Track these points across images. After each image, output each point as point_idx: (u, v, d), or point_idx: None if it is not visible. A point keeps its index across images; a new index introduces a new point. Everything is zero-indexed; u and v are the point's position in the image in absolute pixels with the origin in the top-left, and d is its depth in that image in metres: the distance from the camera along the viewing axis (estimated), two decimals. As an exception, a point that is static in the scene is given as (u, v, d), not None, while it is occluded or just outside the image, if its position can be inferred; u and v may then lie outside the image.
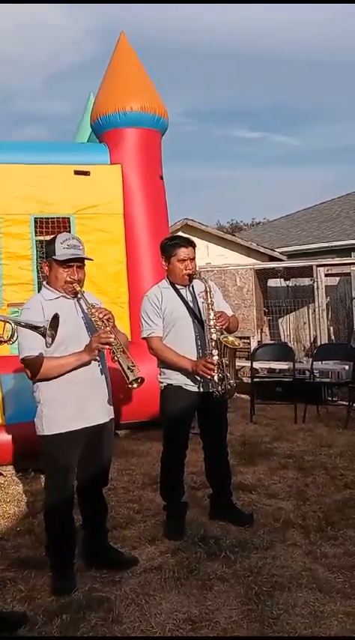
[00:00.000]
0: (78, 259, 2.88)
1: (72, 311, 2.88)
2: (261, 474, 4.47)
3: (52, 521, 2.94)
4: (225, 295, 8.43)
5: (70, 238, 2.91)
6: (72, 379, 2.82)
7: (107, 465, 3.11)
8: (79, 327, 2.87)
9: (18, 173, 5.70)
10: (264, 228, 20.06)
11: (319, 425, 6.09)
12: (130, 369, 2.71)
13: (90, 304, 2.83)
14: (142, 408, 5.22)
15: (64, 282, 2.86)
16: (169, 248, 3.47)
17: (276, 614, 2.60)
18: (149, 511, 3.80)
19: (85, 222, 5.86)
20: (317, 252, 13.30)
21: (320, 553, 3.15)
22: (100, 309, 2.81)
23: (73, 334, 2.82)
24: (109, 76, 6.18)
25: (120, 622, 2.59)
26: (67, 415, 2.83)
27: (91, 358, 2.80)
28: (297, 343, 9.22)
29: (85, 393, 2.87)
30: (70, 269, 2.86)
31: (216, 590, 2.81)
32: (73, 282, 2.85)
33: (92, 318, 2.80)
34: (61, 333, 2.77)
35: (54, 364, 2.78)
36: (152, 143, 6.18)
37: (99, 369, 2.92)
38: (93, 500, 3.09)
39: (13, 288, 5.61)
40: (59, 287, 2.88)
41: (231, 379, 3.26)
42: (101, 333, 2.74)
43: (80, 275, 2.89)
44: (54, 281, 2.89)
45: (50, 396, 2.84)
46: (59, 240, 2.88)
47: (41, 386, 2.85)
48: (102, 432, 2.95)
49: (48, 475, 3.01)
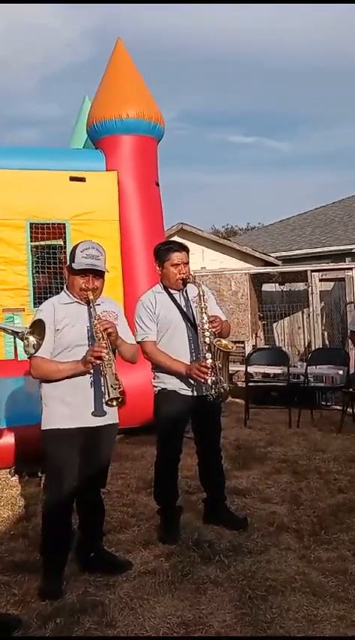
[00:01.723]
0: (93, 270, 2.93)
1: (82, 317, 2.94)
2: (255, 478, 4.49)
3: (48, 520, 2.97)
4: (219, 300, 8.50)
5: (90, 247, 2.97)
6: (75, 380, 2.88)
7: (105, 467, 3.14)
8: (85, 334, 2.93)
9: (14, 179, 5.71)
10: (258, 233, 20.12)
11: (313, 429, 6.12)
12: (113, 386, 2.74)
13: (96, 315, 2.87)
14: (136, 413, 5.23)
15: (79, 289, 2.93)
16: (163, 253, 3.49)
17: (270, 618, 2.61)
18: (143, 515, 3.81)
19: (80, 228, 5.87)
20: (311, 257, 13.35)
21: (314, 557, 3.17)
22: (103, 322, 2.85)
23: (79, 339, 2.89)
24: (106, 83, 6.21)
25: (114, 626, 2.59)
26: (65, 413, 2.90)
27: (86, 370, 2.85)
28: (292, 348, 9.25)
29: (86, 395, 2.91)
30: (85, 278, 2.93)
31: (210, 594, 2.83)
32: (88, 290, 2.91)
33: (94, 329, 2.85)
34: (69, 338, 2.88)
35: (53, 368, 2.87)
36: (148, 150, 6.21)
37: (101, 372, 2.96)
38: (90, 502, 3.11)
39: (8, 293, 5.62)
40: (75, 293, 2.96)
41: (225, 382, 3.28)
42: (95, 347, 2.79)
43: (96, 284, 2.95)
44: (71, 287, 2.99)
45: (51, 393, 2.93)
46: (80, 249, 2.96)
47: (44, 384, 2.96)
48: (101, 434, 2.99)
49: (47, 474, 3.06)
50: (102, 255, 2.99)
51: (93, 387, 2.95)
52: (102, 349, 2.76)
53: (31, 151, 6.20)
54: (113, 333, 2.86)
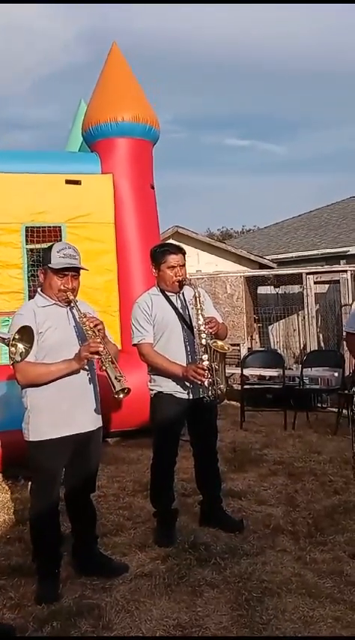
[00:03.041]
0: (73, 268, 2.91)
1: (64, 319, 2.92)
2: (251, 481, 4.50)
3: (37, 527, 2.96)
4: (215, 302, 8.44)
5: (66, 247, 2.95)
6: (60, 387, 2.84)
7: (94, 472, 3.13)
8: (70, 335, 2.90)
9: (9, 182, 5.71)
10: (254, 235, 20.18)
11: (309, 431, 6.13)
12: (117, 379, 2.75)
13: (82, 313, 2.85)
14: (132, 416, 5.23)
15: (58, 290, 2.89)
16: (159, 255, 3.50)
17: (266, 620, 2.62)
18: (139, 518, 3.81)
19: (76, 231, 5.88)
20: (306, 260, 13.39)
21: (310, 559, 3.18)
22: (91, 319, 2.84)
23: (63, 342, 2.86)
24: (101, 86, 6.22)
25: (110, 628, 2.60)
26: (54, 422, 2.86)
27: (80, 367, 2.84)
28: (287, 350, 9.27)
29: (73, 401, 2.89)
30: (64, 278, 2.90)
31: (206, 597, 2.83)
32: (67, 291, 2.88)
33: (83, 327, 2.83)
34: (52, 340, 2.83)
35: (43, 370, 2.81)
36: (143, 153, 6.22)
37: (88, 378, 2.95)
38: (81, 506, 3.10)
39: (3, 296, 5.61)
40: (53, 295, 2.92)
41: (221, 384, 3.29)
42: (90, 343, 2.77)
43: (74, 284, 2.93)
44: (48, 288, 2.93)
45: (37, 403, 2.87)
46: (56, 249, 2.92)
47: (29, 392, 2.88)
48: (90, 439, 2.97)
49: (34, 481, 3.03)
50: (78, 254, 2.98)
51: (84, 391, 2.94)
52: (98, 344, 2.76)
53: (26, 155, 6.20)
54: (103, 329, 2.86)
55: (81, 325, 2.86)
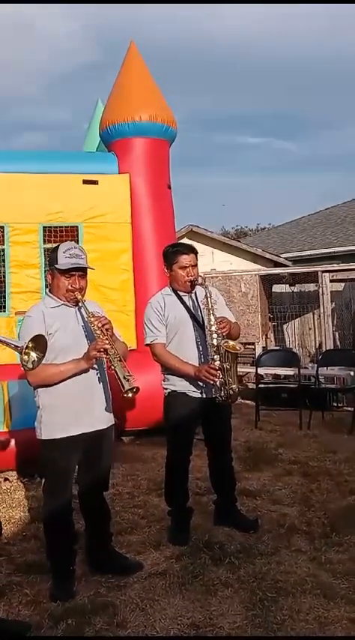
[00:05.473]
0: (79, 268, 2.93)
1: (72, 319, 2.94)
2: (266, 480, 4.49)
3: (51, 525, 2.99)
4: (229, 301, 8.50)
5: (72, 248, 2.96)
6: (71, 386, 2.87)
7: (107, 470, 3.15)
8: (79, 335, 2.92)
9: (27, 182, 5.77)
10: (268, 233, 20.08)
11: (324, 431, 6.10)
12: (126, 378, 2.76)
13: (90, 313, 2.87)
14: (147, 415, 5.25)
15: (66, 290, 2.91)
16: (171, 255, 3.51)
17: (280, 620, 2.62)
18: (154, 516, 3.82)
19: (93, 230, 5.93)
20: (322, 258, 13.30)
21: (325, 559, 3.17)
22: (99, 318, 2.85)
23: (72, 342, 2.88)
24: (118, 86, 6.25)
25: (124, 626, 2.62)
26: (66, 421, 2.88)
27: (89, 366, 2.86)
28: (302, 349, 9.22)
29: (84, 400, 2.91)
30: (71, 278, 2.91)
31: (221, 596, 2.84)
32: (75, 291, 2.90)
33: (91, 326, 2.85)
34: (62, 341, 2.86)
35: (54, 371, 2.84)
36: (160, 152, 6.23)
37: (98, 377, 2.97)
38: (95, 505, 3.13)
39: (21, 296, 5.67)
40: (61, 295, 2.94)
41: (234, 384, 3.28)
42: (98, 342, 2.79)
43: (82, 284, 2.94)
44: (56, 289, 2.95)
45: (50, 402, 2.90)
46: (62, 250, 2.94)
47: (41, 392, 2.92)
48: (102, 438, 2.99)
49: (46, 479, 3.05)
50: (84, 254, 2.99)
51: (95, 390, 2.96)
52: (105, 343, 2.77)
53: (43, 155, 6.25)
54: (110, 328, 2.87)
55: (89, 325, 2.88)
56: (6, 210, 5.70)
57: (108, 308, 5.41)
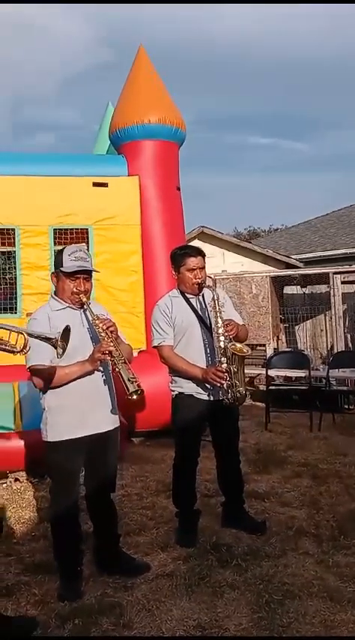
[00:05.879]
0: (84, 271, 2.95)
1: (78, 322, 2.96)
2: (275, 482, 4.48)
3: (58, 526, 3.01)
4: (240, 303, 8.49)
5: (77, 250, 2.98)
6: (77, 388, 2.89)
7: (113, 472, 3.16)
8: (84, 337, 2.94)
9: (38, 185, 5.82)
10: (280, 234, 20.01)
11: (334, 433, 6.07)
12: (130, 380, 2.77)
13: (95, 315, 2.89)
14: (156, 417, 5.26)
15: (71, 293, 2.93)
16: (178, 257, 3.52)
17: (287, 623, 2.62)
18: (162, 518, 3.83)
19: (103, 232, 5.97)
20: (334, 259, 13.23)
21: (332, 562, 3.16)
22: (104, 320, 2.88)
23: (78, 344, 2.88)
24: (128, 89, 6.28)
25: (131, 627, 2.63)
26: (71, 423, 2.90)
27: (94, 368, 2.88)
28: (314, 351, 9.17)
29: (89, 402, 2.93)
30: (76, 280, 2.93)
31: (227, 598, 2.84)
32: (80, 294, 2.92)
33: (96, 329, 2.87)
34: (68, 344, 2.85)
35: (59, 373, 2.86)
36: (170, 155, 6.26)
37: (103, 379, 2.99)
38: (102, 506, 3.14)
39: (31, 297, 5.72)
40: (66, 298, 2.96)
41: (241, 387, 3.29)
42: (103, 344, 2.80)
43: (87, 286, 2.96)
44: (61, 292, 2.97)
45: (55, 404, 2.92)
46: (67, 252, 2.96)
47: (46, 393, 2.94)
48: (107, 439, 3.01)
49: (52, 480, 3.07)
50: (89, 257, 3.01)
51: (100, 392, 2.98)
52: (109, 345, 2.79)
53: (54, 157, 6.31)
54: (115, 331, 2.89)
55: (94, 327, 2.89)
56: (17, 212, 5.77)
57: (118, 309, 5.46)
